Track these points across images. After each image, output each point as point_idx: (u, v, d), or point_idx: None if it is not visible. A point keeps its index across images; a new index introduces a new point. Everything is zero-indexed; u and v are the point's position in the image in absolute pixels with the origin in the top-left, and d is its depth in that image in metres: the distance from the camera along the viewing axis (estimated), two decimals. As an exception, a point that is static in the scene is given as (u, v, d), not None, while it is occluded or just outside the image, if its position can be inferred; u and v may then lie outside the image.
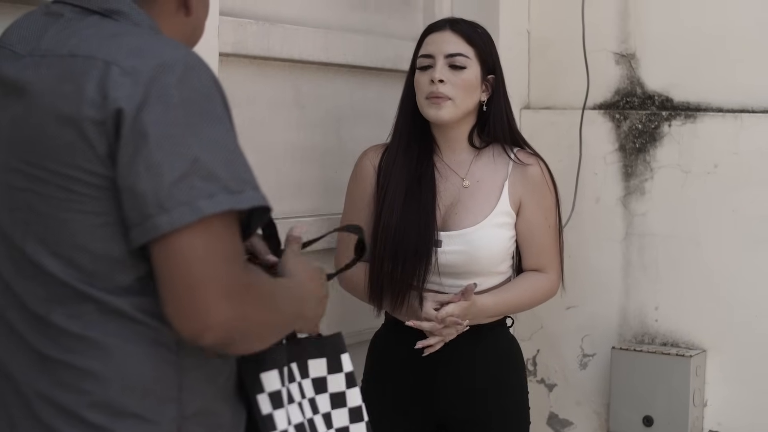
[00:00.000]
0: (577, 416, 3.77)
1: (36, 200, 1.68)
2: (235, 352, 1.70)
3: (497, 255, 2.84)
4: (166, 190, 1.57)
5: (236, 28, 2.87)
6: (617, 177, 3.67)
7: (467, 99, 2.85)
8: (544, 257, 2.93)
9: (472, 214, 2.84)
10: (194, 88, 1.62)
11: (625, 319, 3.67)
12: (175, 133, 1.59)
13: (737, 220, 3.48)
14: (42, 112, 1.66)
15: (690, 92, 3.61)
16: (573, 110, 3.72)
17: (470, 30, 2.89)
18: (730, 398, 3.53)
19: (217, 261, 1.60)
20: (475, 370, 2.87)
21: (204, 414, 1.71)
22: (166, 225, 1.57)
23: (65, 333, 1.66)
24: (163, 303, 1.61)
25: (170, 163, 1.58)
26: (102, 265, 1.65)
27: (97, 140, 1.61)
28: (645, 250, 3.62)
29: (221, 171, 1.60)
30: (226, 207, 1.60)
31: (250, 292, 1.66)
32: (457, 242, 2.81)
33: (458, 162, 2.91)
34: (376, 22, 3.50)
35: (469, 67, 2.84)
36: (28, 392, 1.70)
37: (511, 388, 2.93)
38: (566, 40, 3.75)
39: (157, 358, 1.67)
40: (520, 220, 2.89)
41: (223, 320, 1.60)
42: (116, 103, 1.60)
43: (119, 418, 1.65)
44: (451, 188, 2.89)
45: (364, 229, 2.08)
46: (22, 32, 1.76)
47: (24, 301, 1.70)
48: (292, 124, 3.15)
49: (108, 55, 1.63)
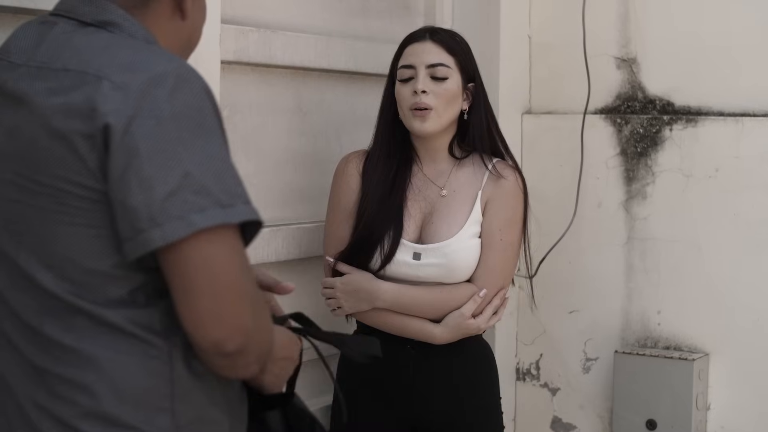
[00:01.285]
0: (581, 420, 3.78)
1: (29, 212, 1.68)
2: (239, 369, 1.68)
3: (473, 265, 2.86)
4: (158, 204, 1.57)
5: (237, 36, 2.87)
6: (619, 181, 3.67)
7: (449, 109, 2.85)
8: (482, 269, 2.86)
9: (447, 225, 2.85)
10: (185, 101, 1.62)
11: (628, 323, 3.68)
12: (166, 147, 1.59)
13: (739, 224, 3.48)
14: (35, 124, 1.66)
15: (691, 96, 3.62)
16: (574, 115, 3.73)
17: (450, 39, 2.90)
18: (733, 401, 3.53)
19: (235, 268, 1.62)
20: (450, 374, 2.88)
21: (199, 423, 1.72)
22: (159, 239, 1.58)
23: (58, 345, 1.67)
24: (182, 312, 1.61)
25: (162, 177, 1.58)
26: (94, 278, 1.65)
27: (87, 154, 1.61)
28: (647, 254, 3.63)
29: (213, 185, 1.60)
30: (218, 221, 1.60)
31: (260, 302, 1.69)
32: (434, 255, 2.83)
33: (438, 172, 2.92)
34: (376, 28, 3.51)
35: (451, 76, 2.85)
36: (25, 404, 1.70)
37: (483, 393, 2.95)
38: (567, 45, 3.75)
39: (149, 370, 1.67)
40: (481, 225, 2.88)
41: (243, 324, 1.62)
42: (105, 117, 1.60)
43: (113, 428, 1.65)
44: (429, 197, 2.89)
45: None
46: (19, 43, 1.77)
47: (18, 312, 1.71)
48: (293, 131, 3.16)
49: (99, 70, 1.63)
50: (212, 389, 1.73)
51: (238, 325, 1.61)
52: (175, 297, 1.61)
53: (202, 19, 1.89)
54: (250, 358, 1.67)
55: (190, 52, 1.90)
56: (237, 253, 1.63)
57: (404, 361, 2.88)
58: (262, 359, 1.72)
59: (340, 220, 2.92)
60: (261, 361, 1.71)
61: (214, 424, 1.74)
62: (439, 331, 2.84)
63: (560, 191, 3.01)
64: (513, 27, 3.77)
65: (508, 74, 3.02)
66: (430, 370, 2.87)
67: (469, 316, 2.82)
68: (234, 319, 1.61)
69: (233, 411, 1.79)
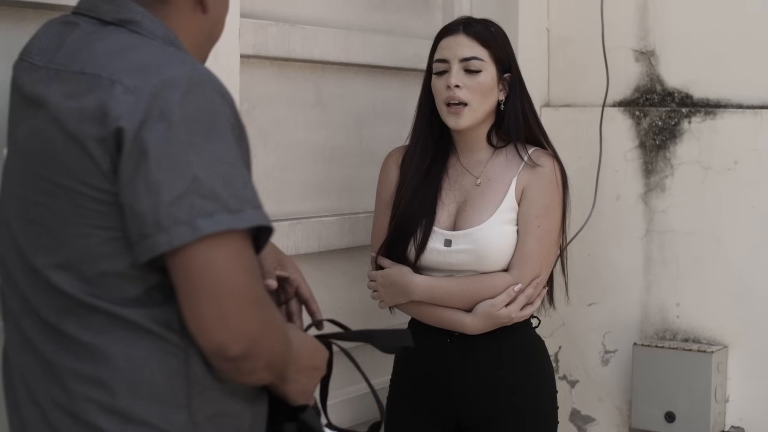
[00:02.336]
0: (599, 412, 3.78)
1: (47, 214, 1.69)
2: (244, 374, 1.67)
3: (504, 251, 2.82)
4: (165, 209, 1.57)
5: (257, 30, 2.88)
6: (637, 174, 3.67)
7: (484, 102, 2.85)
8: (518, 256, 2.82)
9: (479, 213, 2.84)
10: (197, 104, 1.61)
11: (647, 315, 3.68)
12: (175, 151, 1.58)
13: (757, 216, 3.48)
14: (52, 127, 1.67)
15: (710, 89, 3.61)
16: (593, 108, 3.73)
17: (484, 31, 2.87)
18: (751, 394, 3.53)
19: (241, 273, 1.61)
20: (496, 368, 2.87)
21: (218, 418, 1.72)
22: (165, 244, 1.57)
23: (76, 342, 1.68)
24: (187, 316, 1.61)
25: (169, 181, 1.57)
26: (110, 279, 1.66)
27: (101, 157, 1.62)
28: (665, 247, 3.63)
29: (221, 190, 1.59)
30: (225, 227, 1.59)
31: (269, 308, 1.67)
32: (465, 241, 2.82)
33: (475, 162, 2.92)
34: (395, 21, 3.52)
35: (485, 69, 2.84)
36: (43, 402, 1.71)
37: (535, 387, 2.92)
38: (585, 38, 3.75)
39: (165, 366, 1.67)
40: (518, 213, 2.85)
41: (247, 329, 1.61)
42: (117, 121, 1.60)
43: (129, 425, 1.66)
44: (465, 186, 2.89)
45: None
46: (40, 44, 1.78)
47: (38, 310, 1.72)
48: (313, 125, 3.17)
49: (113, 74, 1.63)
50: (231, 386, 1.72)
51: (242, 329, 1.60)
52: (180, 300, 1.61)
53: (224, 12, 1.88)
54: (257, 364, 1.65)
55: (212, 45, 1.90)
56: (244, 258, 1.62)
57: (443, 355, 2.87)
58: (275, 366, 1.71)
59: (381, 212, 2.95)
60: (273, 368, 1.70)
61: (233, 418, 1.74)
62: (469, 320, 2.82)
63: (579, 184, 3.01)
64: (531, 20, 3.77)
65: (526, 67, 3.01)
66: (470, 364, 2.86)
67: (500, 306, 2.79)
68: (238, 323, 1.60)
69: (254, 405, 1.78)
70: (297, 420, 1.87)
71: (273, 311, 1.70)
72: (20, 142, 1.75)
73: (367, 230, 3.19)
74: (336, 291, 3.19)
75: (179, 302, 1.62)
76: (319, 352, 1.87)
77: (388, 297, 2.91)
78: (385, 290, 2.90)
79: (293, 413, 1.86)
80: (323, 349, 1.89)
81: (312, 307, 2.06)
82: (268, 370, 1.69)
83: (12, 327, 1.78)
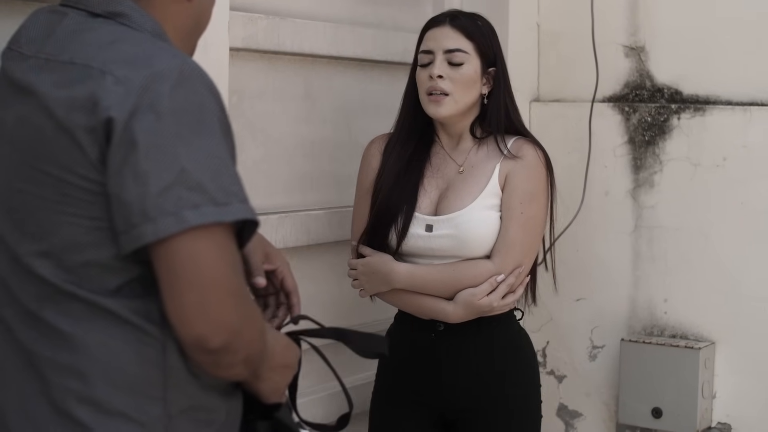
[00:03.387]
0: (587, 407, 3.79)
1: (32, 201, 1.69)
2: (222, 368, 1.67)
3: (486, 237, 2.81)
4: (152, 199, 1.58)
5: (246, 23, 2.88)
6: (626, 170, 3.68)
7: (466, 94, 2.85)
8: (501, 242, 2.80)
9: (461, 198, 2.84)
10: (187, 97, 1.62)
11: (635, 311, 3.69)
12: (163, 143, 1.59)
13: (746, 213, 3.48)
14: (41, 116, 1.67)
15: (699, 85, 3.62)
16: (582, 103, 3.73)
17: (470, 24, 2.87)
18: (738, 390, 3.54)
19: (224, 265, 1.62)
20: (481, 360, 2.87)
21: (193, 410, 1.72)
22: (151, 234, 1.58)
23: (55, 330, 1.68)
24: (168, 306, 1.62)
25: (157, 172, 1.58)
26: (92, 268, 1.66)
27: (90, 147, 1.62)
28: (654, 243, 3.63)
29: (208, 182, 1.60)
30: (211, 219, 1.60)
31: (250, 303, 1.68)
32: (446, 226, 2.82)
33: (458, 151, 2.92)
34: (385, 15, 3.51)
35: (468, 62, 2.84)
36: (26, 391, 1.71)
37: (520, 380, 2.93)
38: (576, 33, 3.75)
39: (142, 357, 1.67)
40: (501, 200, 2.83)
41: (228, 321, 1.61)
42: (107, 111, 1.60)
43: (105, 415, 1.66)
44: (447, 173, 2.89)
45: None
46: (29, 33, 1.78)
47: (19, 298, 1.72)
48: (302, 118, 3.17)
49: (104, 65, 1.64)
50: (208, 379, 1.72)
51: (223, 322, 1.61)
52: (162, 291, 1.62)
53: (209, 2, 1.89)
54: (236, 358, 1.66)
55: (198, 35, 1.90)
56: (227, 251, 1.63)
57: (428, 347, 2.87)
58: (252, 362, 1.71)
59: (362, 198, 2.95)
60: (250, 363, 1.70)
61: (209, 412, 1.75)
62: (451, 309, 2.81)
63: (568, 179, 3.01)
64: (522, 15, 3.77)
65: (516, 62, 3.02)
66: (455, 357, 2.86)
67: (481, 295, 2.78)
68: (218, 315, 1.60)
69: (229, 400, 1.79)
70: (271, 418, 1.87)
71: (253, 306, 1.71)
72: (7, 130, 1.75)
73: (356, 224, 3.19)
74: (324, 284, 3.19)
75: (161, 293, 1.62)
76: (291, 350, 1.88)
77: (369, 285, 2.90)
78: (366, 278, 2.89)
79: (266, 412, 1.86)
80: (295, 347, 1.90)
81: (293, 299, 2.06)
82: (245, 365, 1.69)
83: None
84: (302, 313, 2.04)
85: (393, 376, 2.95)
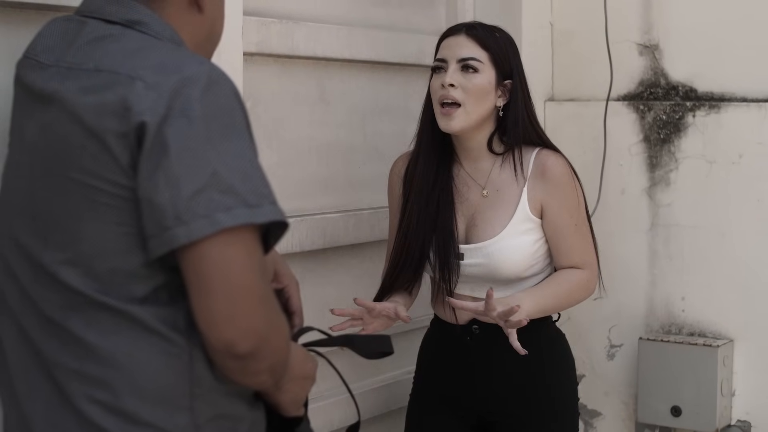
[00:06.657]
0: (606, 407, 3.78)
1: (57, 209, 1.70)
2: (248, 375, 1.68)
3: (520, 263, 2.79)
4: (185, 202, 1.59)
5: (260, 28, 2.88)
6: (642, 168, 3.67)
7: (478, 105, 2.78)
8: (576, 255, 2.83)
9: (491, 226, 2.80)
10: (216, 102, 1.64)
11: (652, 309, 3.68)
12: (195, 146, 1.61)
13: (762, 210, 3.47)
14: (67, 122, 1.68)
15: (714, 82, 3.61)
16: (597, 102, 3.72)
17: (486, 34, 2.82)
18: (757, 387, 3.53)
19: (253, 271, 1.63)
20: (517, 364, 2.80)
21: (219, 419, 1.72)
22: (184, 237, 1.59)
23: (79, 341, 1.68)
24: (197, 311, 1.62)
25: (189, 175, 1.59)
26: (119, 276, 1.67)
27: (120, 152, 1.63)
28: (671, 241, 3.63)
29: (240, 185, 1.62)
30: (244, 221, 1.61)
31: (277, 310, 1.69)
32: (477, 255, 2.79)
33: (478, 170, 2.86)
34: (398, 17, 3.51)
35: (482, 71, 2.78)
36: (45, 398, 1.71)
37: (557, 383, 2.90)
38: (589, 32, 3.75)
39: (169, 367, 1.68)
40: (546, 222, 2.81)
41: (257, 327, 1.62)
42: (140, 116, 1.62)
43: (133, 425, 1.66)
44: (471, 198, 2.85)
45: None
46: (45, 42, 1.79)
47: (42, 307, 1.72)
48: (316, 121, 3.17)
49: (132, 71, 1.65)
50: (233, 388, 1.73)
51: (251, 327, 1.62)
52: (191, 296, 1.62)
53: (220, 10, 1.90)
54: (263, 364, 1.66)
55: (213, 45, 1.91)
56: (255, 257, 1.64)
57: (464, 351, 2.86)
58: (277, 370, 1.71)
59: (393, 229, 2.92)
60: (275, 371, 1.71)
61: (234, 421, 1.75)
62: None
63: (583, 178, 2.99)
64: (535, 14, 3.77)
65: (530, 62, 3.01)
66: (491, 360, 2.84)
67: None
68: (247, 320, 1.61)
69: (253, 410, 1.79)
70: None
71: (280, 314, 1.71)
72: (27, 139, 1.75)
73: (372, 226, 3.19)
74: (341, 287, 3.19)
75: (190, 298, 1.63)
76: (309, 362, 1.88)
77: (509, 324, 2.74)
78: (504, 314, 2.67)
79: (285, 426, 1.86)
80: (313, 358, 1.90)
81: (294, 321, 2.05)
82: (271, 373, 1.70)
83: (10, 323, 1.78)
84: (307, 325, 2.04)
85: (430, 381, 2.94)
